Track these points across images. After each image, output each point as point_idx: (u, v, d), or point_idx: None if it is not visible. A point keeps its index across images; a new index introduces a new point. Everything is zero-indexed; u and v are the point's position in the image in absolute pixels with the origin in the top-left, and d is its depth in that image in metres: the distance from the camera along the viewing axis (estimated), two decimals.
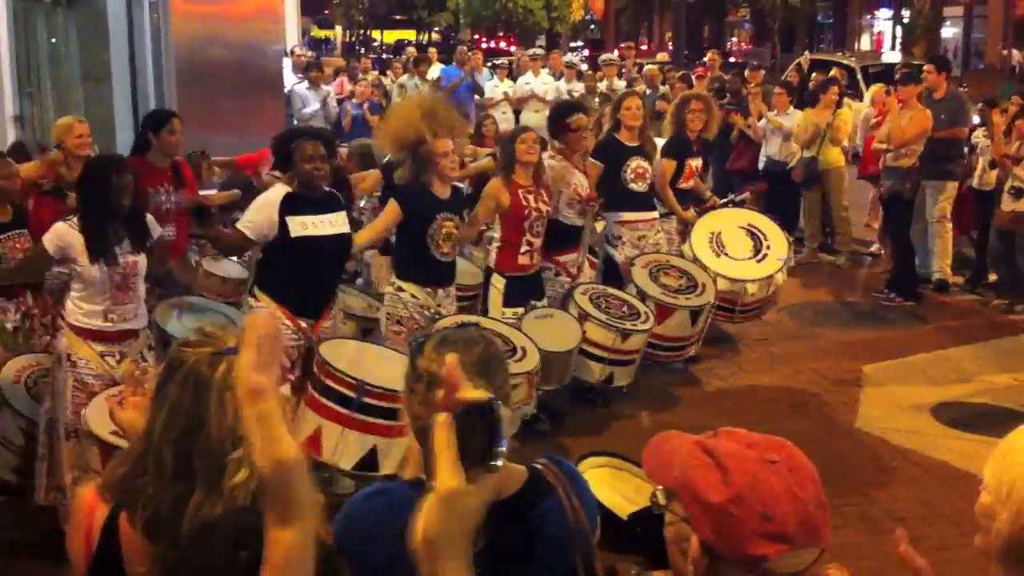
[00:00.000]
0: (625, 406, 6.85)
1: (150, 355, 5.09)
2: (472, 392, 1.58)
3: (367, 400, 4.42)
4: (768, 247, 7.26)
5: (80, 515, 2.26)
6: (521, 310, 6.21)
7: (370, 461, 4.46)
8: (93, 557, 2.23)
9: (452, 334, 2.40)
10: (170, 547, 2.04)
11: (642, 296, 6.71)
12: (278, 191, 5.31)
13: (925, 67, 10.13)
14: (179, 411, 2.11)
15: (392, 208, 5.81)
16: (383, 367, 4.64)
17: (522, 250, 6.33)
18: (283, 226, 5.17)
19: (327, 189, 5.46)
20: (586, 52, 31.31)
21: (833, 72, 13.12)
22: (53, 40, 13.46)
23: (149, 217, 5.25)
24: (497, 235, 6.41)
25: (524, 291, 6.35)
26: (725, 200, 8.44)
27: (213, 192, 7.11)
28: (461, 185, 6.70)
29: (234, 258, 6.69)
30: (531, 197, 6.31)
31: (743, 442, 1.78)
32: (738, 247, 7.24)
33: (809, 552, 1.72)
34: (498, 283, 6.35)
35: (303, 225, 5.20)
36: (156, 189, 6.29)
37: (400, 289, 5.81)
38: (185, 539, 2.02)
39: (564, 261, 6.82)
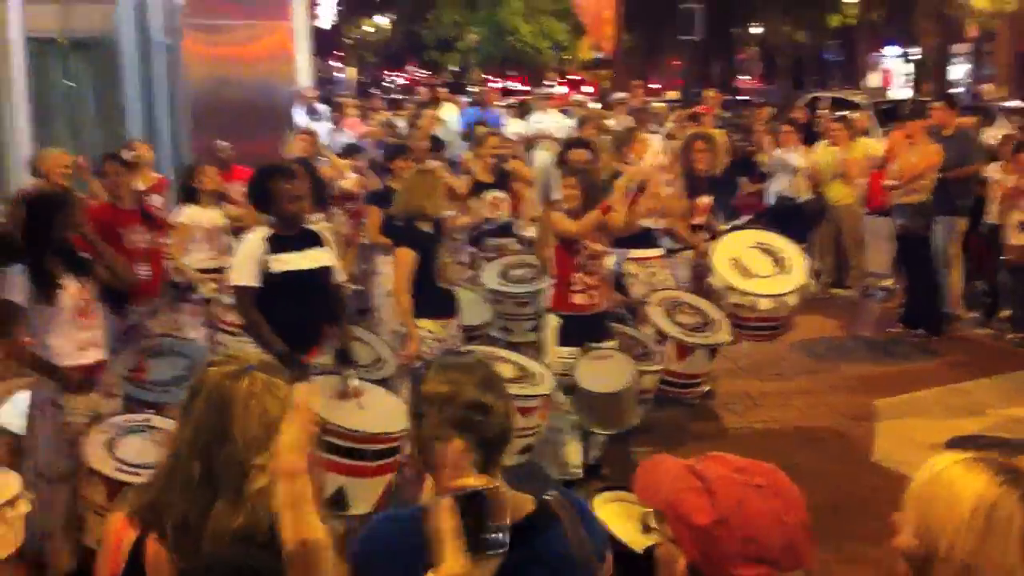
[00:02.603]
0: (638, 442, 6.83)
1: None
2: (471, 479, 1.63)
3: (329, 439, 4.37)
4: (786, 258, 7.20)
5: (109, 540, 2.29)
6: (577, 350, 6.12)
7: (339, 500, 4.43)
8: None
9: (451, 359, 2.47)
10: (196, 559, 2.09)
11: (661, 336, 6.70)
12: (256, 234, 5.29)
13: (934, 104, 10.16)
14: (204, 425, 2.19)
15: (407, 254, 5.87)
16: (364, 405, 4.66)
17: (576, 288, 6.21)
18: (264, 267, 5.16)
19: (305, 227, 5.45)
20: (591, 89, 31.56)
21: (856, 114, 13.15)
22: (68, 83, 13.63)
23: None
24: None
25: (581, 331, 6.19)
26: (728, 227, 8.43)
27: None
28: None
29: None
30: None
31: (731, 467, 1.81)
32: (760, 265, 7.17)
33: (793, 573, 1.73)
34: (552, 322, 6.27)
35: (284, 263, 5.18)
36: (127, 229, 6.37)
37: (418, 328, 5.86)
38: (208, 550, 2.05)
39: None
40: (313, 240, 5.43)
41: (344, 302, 5.80)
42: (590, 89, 31.29)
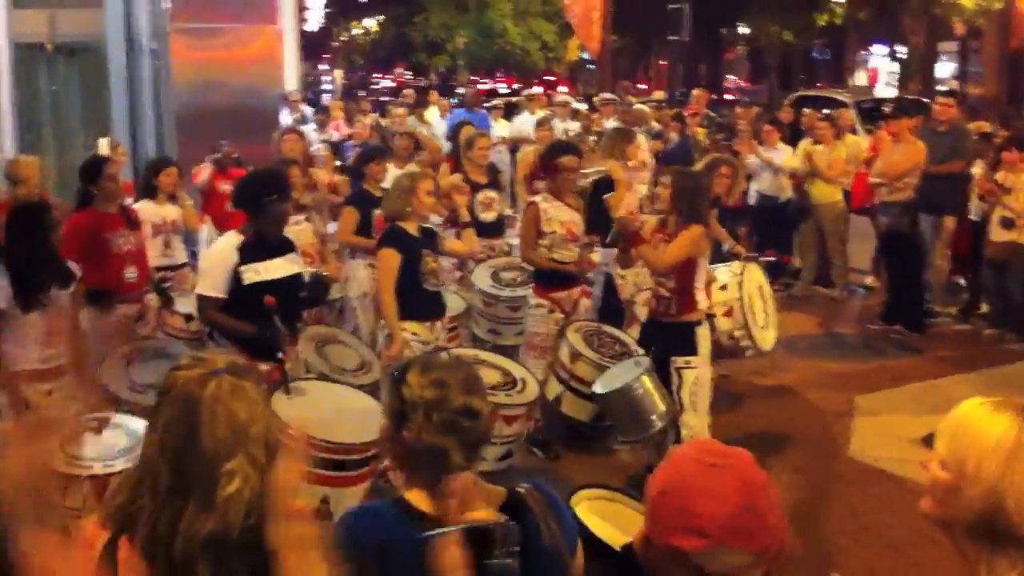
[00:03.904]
0: (618, 440, 6.88)
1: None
2: (480, 513, 1.68)
3: (310, 452, 4.31)
4: (771, 314, 7.16)
5: (83, 543, 2.31)
6: None
7: (324, 511, 4.41)
8: None
9: (433, 360, 2.50)
10: (168, 566, 2.07)
11: None
12: (228, 242, 5.29)
13: (942, 100, 10.27)
14: (172, 430, 2.14)
15: (391, 255, 5.90)
16: (343, 413, 4.67)
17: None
18: (235, 275, 5.16)
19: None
20: (565, 89, 31.57)
21: (843, 112, 13.20)
22: (55, 88, 13.65)
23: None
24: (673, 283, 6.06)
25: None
26: (754, 256, 8.25)
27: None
28: (435, 226, 6.78)
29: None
30: None
31: (698, 448, 1.90)
32: (759, 311, 7.05)
33: (738, 554, 1.80)
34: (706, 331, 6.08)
35: (256, 272, 5.18)
36: (112, 234, 6.37)
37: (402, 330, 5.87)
38: (180, 556, 2.06)
39: (558, 298, 6.86)
40: (284, 247, 5.46)
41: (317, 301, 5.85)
42: (564, 89, 31.29)
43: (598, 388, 5.78)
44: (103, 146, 9.87)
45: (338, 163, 10.57)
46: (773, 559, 1.86)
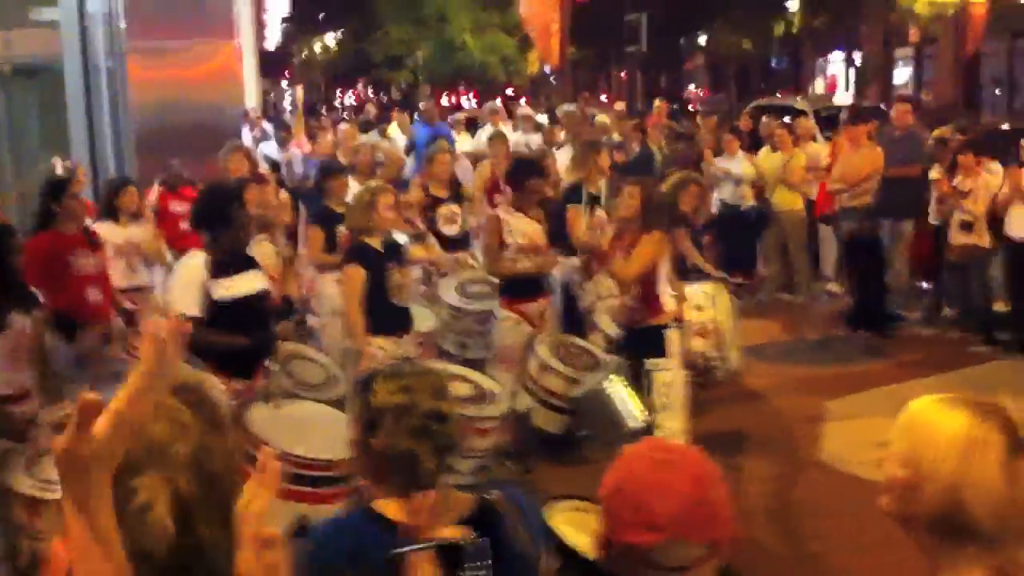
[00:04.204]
0: (592, 451, 6.87)
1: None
2: (448, 530, 1.68)
3: (291, 469, 4.34)
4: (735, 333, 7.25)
5: (54, 563, 2.28)
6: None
7: (301, 528, 4.43)
8: None
9: (399, 367, 2.50)
10: None
11: (610, 343, 6.76)
12: (194, 260, 5.25)
13: (898, 106, 10.40)
14: None
15: (355, 271, 5.86)
16: (319, 429, 4.62)
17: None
18: (206, 293, 5.13)
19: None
20: (523, 101, 31.63)
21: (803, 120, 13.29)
22: (12, 110, 13.49)
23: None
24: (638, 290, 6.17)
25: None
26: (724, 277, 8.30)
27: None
28: (402, 240, 6.75)
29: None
30: None
31: (650, 446, 1.92)
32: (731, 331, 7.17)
33: (693, 547, 1.83)
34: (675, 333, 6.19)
35: (225, 288, 5.16)
36: (74, 255, 6.30)
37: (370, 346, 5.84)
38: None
39: (526, 310, 6.86)
40: (249, 263, 5.43)
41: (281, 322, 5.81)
42: (523, 102, 31.34)
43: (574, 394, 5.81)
44: (58, 168, 9.75)
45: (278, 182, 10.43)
46: (725, 551, 1.88)
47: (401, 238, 6.89)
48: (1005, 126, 15.96)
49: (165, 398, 2.11)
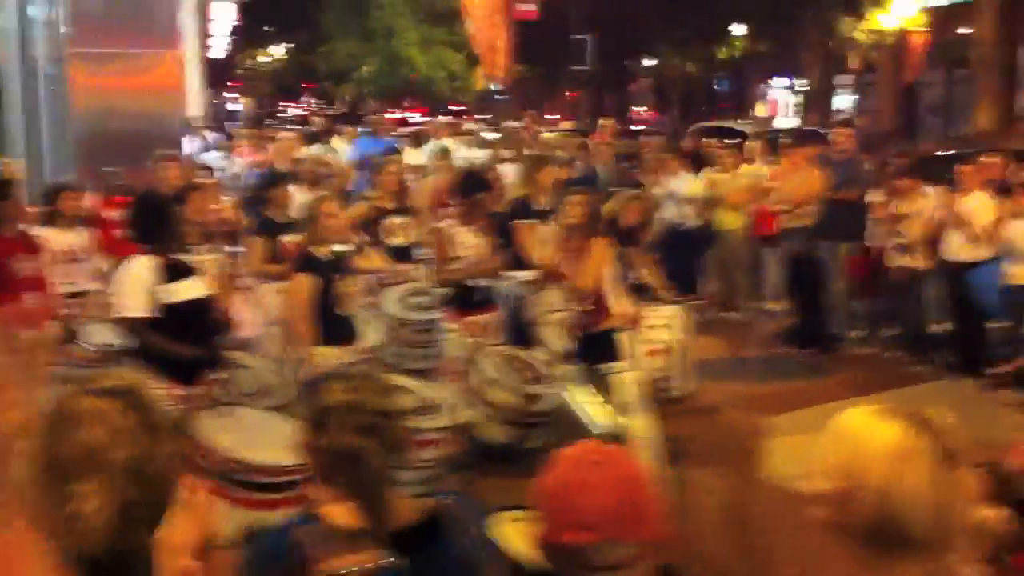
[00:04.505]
0: (538, 464, 6.86)
1: None
2: (365, 555, 1.70)
3: (238, 476, 4.35)
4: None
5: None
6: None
7: (248, 536, 4.38)
8: None
9: (348, 370, 2.51)
10: None
11: (555, 355, 6.78)
12: (140, 263, 5.20)
13: (838, 131, 10.57)
14: (43, 443, 2.10)
15: (302, 280, 5.82)
16: (265, 436, 4.60)
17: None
18: (152, 296, 5.10)
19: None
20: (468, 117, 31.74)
21: (750, 142, 13.47)
22: None
23: None
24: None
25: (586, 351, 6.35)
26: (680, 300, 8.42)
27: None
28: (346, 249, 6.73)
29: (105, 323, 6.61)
30: None
31: (581, 449, 1.95)
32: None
33: (625, 546, 1.87)
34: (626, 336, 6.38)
35: (175, 293, 5.15)
36: (12, 258, 6.19)
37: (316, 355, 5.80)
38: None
39: (472, 321, 6.86)
40: (189, 270, 5.38)
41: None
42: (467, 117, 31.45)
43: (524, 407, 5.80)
44: (10, 166, 9.62)
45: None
46: (658, 550, 1.93)
47: (347, 248, 6.85)
48: (941, 152, 16.30)
49: (102, 402, 2.09)
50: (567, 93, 45.76)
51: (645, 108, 45.46)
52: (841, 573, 1.95)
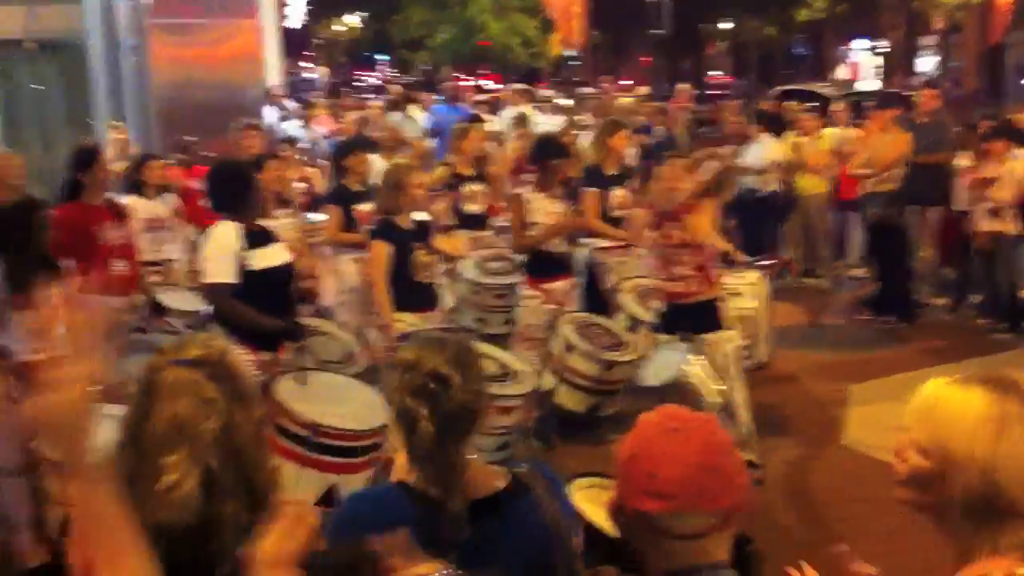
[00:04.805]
0: (613, 431, 6.86)
1: None
2: (423, 567, 1.68)
3: (320, 440, 4.38)
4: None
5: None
6: (675, 337, 6.17)
7: (330, 497, 4.41)
8: None
9: (430, 334, 2.50)
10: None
11: (635, 322, 6.77)
12: (227, 229, 5.23)
13: (925, 91, 10.30)
14: (133, 416, 2.12)
15: (381, 247, 5.87)
16: (345, 404, 4.64)
17: (673, 277, 6.16)
18: (240, 262, 5.14)
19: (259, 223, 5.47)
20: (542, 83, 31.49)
21: (835, 105, 13.21)
22: (36, 85, 13.53)
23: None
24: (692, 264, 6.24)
25: (680, 320, 6.19)
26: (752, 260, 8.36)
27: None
28: (426, 218, 6.75)
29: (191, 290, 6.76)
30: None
31: (664, 413, 1.91)
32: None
33: (703, 515, 1.82)
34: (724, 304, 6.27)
35: (259, 258, 5.16)
36: (100, 226, 6.29)
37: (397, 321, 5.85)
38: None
39: (550, 289, 6.84)
40: (270, 237, 5.44)
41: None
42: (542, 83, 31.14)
43: (650, 380, 5.77)
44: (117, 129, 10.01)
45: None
46: (737, 520, 1.87)
47: (427, 218, 6.88)
48: None
49: (188, 372, 2.13)
50: (641, 58, 45.25)
51: (721, 72, 44.83)
52: (934, 547, 1.90)
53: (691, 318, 6.07)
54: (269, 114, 13.39)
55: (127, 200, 7.21)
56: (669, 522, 1.81)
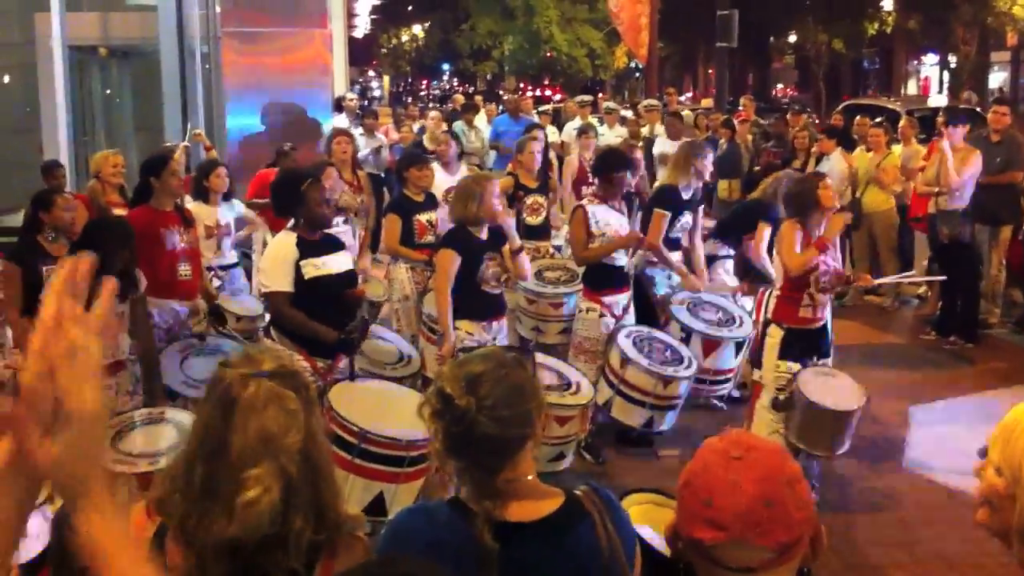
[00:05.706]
0: (668, 447, 6.83)
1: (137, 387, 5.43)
2: None
3: (368, 447, 4.39)
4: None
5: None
6: (797, 365, 6.00)
7: (378, 506, 4.43)
8: None
9: (478, 352, 2.45)
10: (197, 562, 2.07)
11: (687, 332, 6.73)
12: (285, 238, 5.36)
13: (997, 108, 10.10)
14: (209, 428, 2.13)
15: (449, 256, 5.90)
16: (396, 412, 4.63)
17: (805, 302, 6.09)
18: (296, 271, 5.24)
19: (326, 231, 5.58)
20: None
21: (901, 121, 13.02)
22: (108, 91, 13.83)
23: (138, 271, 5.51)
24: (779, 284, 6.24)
25: (804, 345, 6.12)
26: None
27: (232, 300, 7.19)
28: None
29: (253, 295, 6.85)
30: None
31: (728, 440, 1.87)
32: None
33: (757, 549, 1.76)
34: (775, 334, 6.12)
35: (315, 267, 5.25)
36: (168, 231, 6.39)
37: (456, 328, 5.88)
38: (199, 554, 2.05)
39: (609, 302, 6.83)
40: (336, 244, 5.51)
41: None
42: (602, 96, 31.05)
43: (828, 403, 5.71)
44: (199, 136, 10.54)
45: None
46: (800, 555, 1.80)
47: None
48: None
49: (270, 385, 2.13)
50: (709, 71, 45.03)
51: (785, 86, 44.43)
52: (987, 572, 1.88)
53: (815, 344, 6.14)
54: (340, 122, 13.53)
55: (193, 206, 7.35)
56: (722, 552, 1.77)
